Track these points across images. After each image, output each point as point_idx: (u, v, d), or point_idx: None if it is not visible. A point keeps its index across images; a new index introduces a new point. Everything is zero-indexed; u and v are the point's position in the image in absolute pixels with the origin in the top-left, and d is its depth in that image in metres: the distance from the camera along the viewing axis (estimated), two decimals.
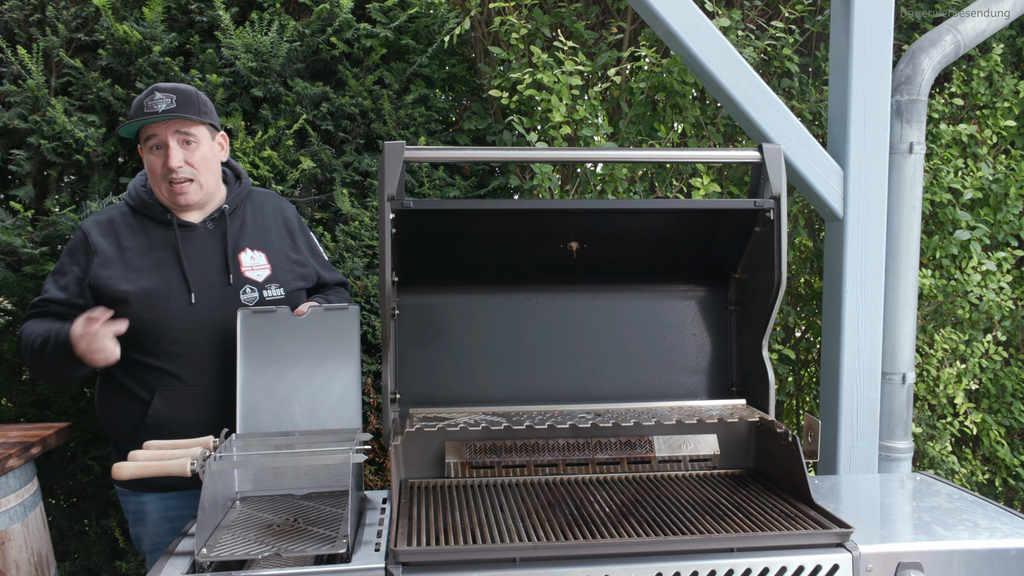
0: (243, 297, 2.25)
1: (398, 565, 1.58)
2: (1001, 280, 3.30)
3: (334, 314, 2.20)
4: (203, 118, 2.20)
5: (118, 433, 2.30)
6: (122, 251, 2.21)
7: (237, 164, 2.45)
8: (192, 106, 2.18)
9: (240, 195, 2.35)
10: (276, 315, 2.17)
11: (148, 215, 2.25)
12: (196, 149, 2.20)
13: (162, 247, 2.23)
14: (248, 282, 2.27)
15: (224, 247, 2.27)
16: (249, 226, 2.34)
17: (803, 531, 1.68)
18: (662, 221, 2.22)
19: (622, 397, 2.27)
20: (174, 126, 2.16)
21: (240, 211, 2.34)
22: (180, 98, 2.17)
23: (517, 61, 3.38)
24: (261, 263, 2.31)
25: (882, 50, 2.67)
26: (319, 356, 2.16)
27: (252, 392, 2.13)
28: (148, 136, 2.18)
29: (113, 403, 2.28)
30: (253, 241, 2.32)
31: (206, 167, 2.23)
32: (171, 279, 2.20)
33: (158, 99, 2.15)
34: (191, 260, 2.22)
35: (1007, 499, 3.77)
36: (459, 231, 2.15)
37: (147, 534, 2.34)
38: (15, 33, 3.27)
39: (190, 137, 2.19)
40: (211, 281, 2.23)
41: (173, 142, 2.16)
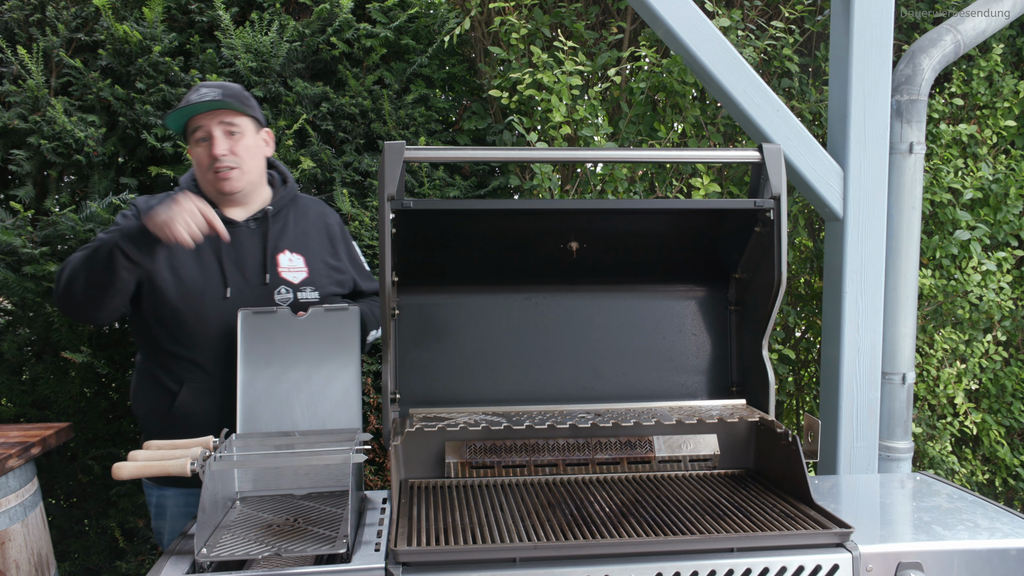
0: (277, 297, 2.28)
1: (398, 565, 1.58)
2: (1001, 280, 3.30)
3: (334, 315, 2.20)
4: (246, 109, 2.26)
5: (147, 423, 2.34)
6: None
7: (284, 168, 2.49)
8: (236, 98, 2.25)
9: (285, 198, 2.39)
10: (277, 316, 2.18)
11: None
12: (240, 139, 2.25)
13: (204, 241, 2.23)
14: (284, 283, 2.30)
15: (264, 247, 2.31)
16: (291, 229, 2.37)
17: (803, 531, 1.68)
18: (662, 221, 2.22)
19: (622, 397, 2.27)
20: (218, 116, 2.22)
21: (283, 214, 2.38)
22: (225, 91, 2.24)
23: (517, 61, 3.38)
24: (299, 265, 2.34)
25: (882, 50, 2.67)
26: (319, 357, 2.17)
27: (252, 392, 2.13)
28: (194, 128, 2.23)
29: (145, 393, 2.33)
30: (293, 244, 2.35)
31: (250, 156, 2.27)
32: (209, 273, 2.24)
33: (203, 92, 2.22)
34: (230, 256, 2.27)
35: (1007, 499, 3.77)
36: (459, 231, 2.15)
37: (167, 528, 2.36)
38: (15, 33, 3.27)
39: (234, 128, 2.23)
40: (247, 279, 2.27)
41: (218, 132, 2.21)
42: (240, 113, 2.24)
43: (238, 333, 2.15)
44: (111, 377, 3.26)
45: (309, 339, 2.18)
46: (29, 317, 3.20)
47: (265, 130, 2.36)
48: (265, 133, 2.36)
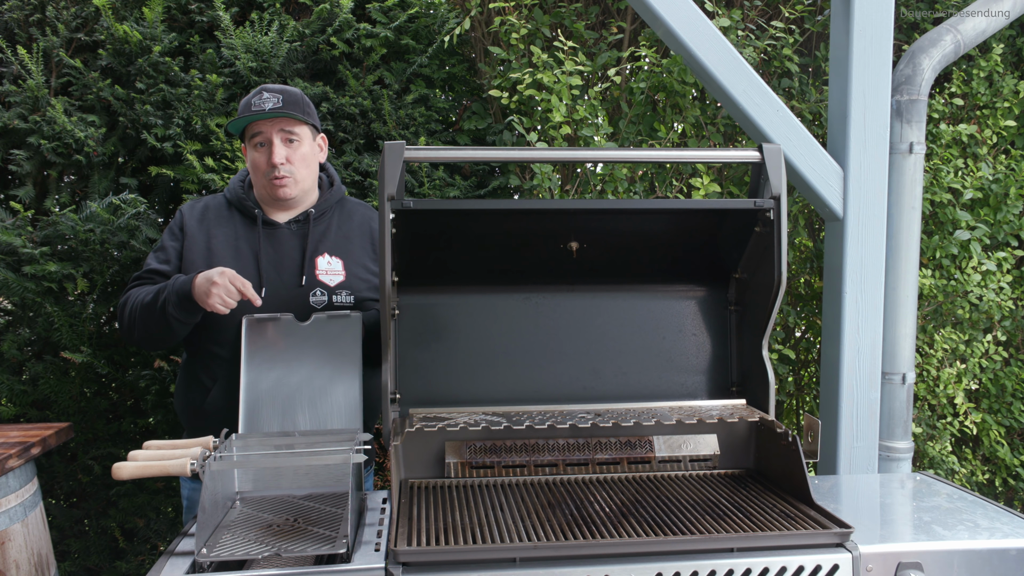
0: (312, 299, 2.31)
1: (398, 565, 1.58)
2: (1001, 280, 3.30)
3: (337, 322, 2.22)
4: (307, 118, 2.30)
5: (186, 417, 2.40)
6: (209, 238, 2.32)
7: (333, 170, 2.52)
8: (297, 106, 2.28)
9: (329, 201, 2.42)
10: (280, 323, 2.21)
11: (239, 209, 2.36)
12: (298, 147, 2.30)
13: (244, 241, 2.32)
14: (320, 285, 2.32)
15: (303, 249, 2.34)
16: (332, 233, 2.39)
17: (803, 531, 1.68)
18: (662, 221, 2.22)
19: (622, 397, 2.27)
20: (279, 124, 2.26)
21: (326, 217, 2.41)
22: (286, 98, 2.27)
23: (517, 61, 3.38)
24: (336, 269, 2.36)
25: (882, 50, 2.67)
26: (321, 363, 2.19)
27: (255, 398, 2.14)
28: (254, 133, 2.28)
29: (185, 389, 2.38)
30: (333, 247, 2.37)
31: (305, 165, 2.32)
32: (246, 272, 2.26)
33: (266, 98, 2.25)
34: (268, 257, 2.31)
35: (1007, 499, 3.77)
36: (459, 231, 2.15)
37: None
38: (15, 33, 3.27)
39: (293, 136, 2.28)
40: (284, 280, 2.31)
41: (277, 139, 2.26)
42: (300, 122, 2.28)
43: (242, 340, 2.18)
44: (111, 377, 3.26)
45: (311, 346, 2.20)
46: (29, 317, 3.20)
47: (320, 136, 2.40)
48: (320, 139, 2.41)
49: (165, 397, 3.22)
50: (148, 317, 2.21)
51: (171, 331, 2.22)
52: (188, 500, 2.43)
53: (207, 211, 2.37)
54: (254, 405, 2.14)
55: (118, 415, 3.35)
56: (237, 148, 3.15)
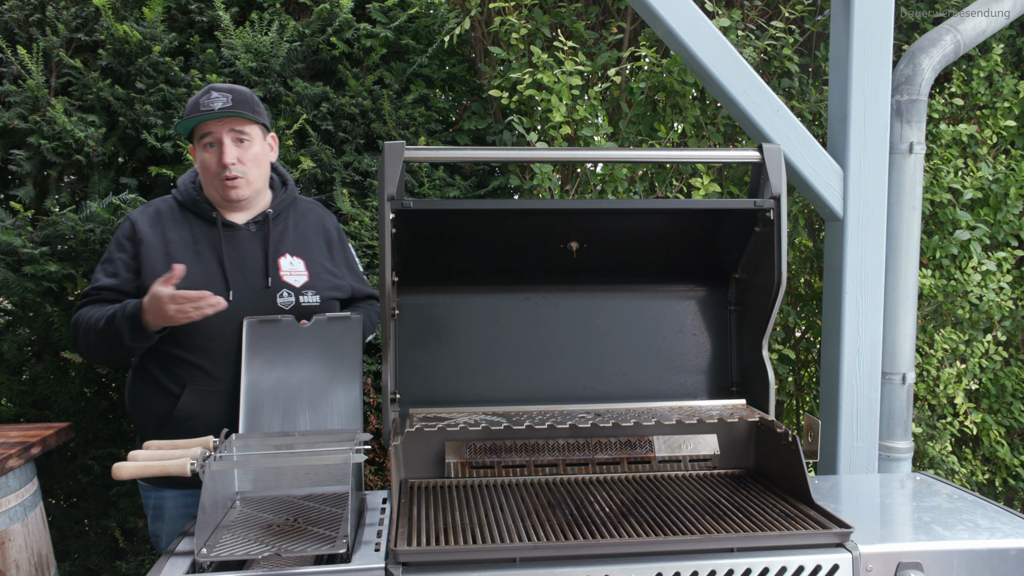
0: (279, 301, 2.29)
1: (398, 565, 1.58)
2: (1001, 280, 3.30)
3: (337, 324, 2.22)
4: (257, 117, 2.26)
5: (146, 426, 2.33)
6: (166, 243, 2.26)
7: (284, 170, 2.49)
8: (247, 105, 2.24)
9: (285, 201, 2.40)
10: (281, 324, 2.20)
11: (194, 211, 2.31)
12: (249, 147, 2.26)
13: (205, 244, 2.28)
14: (286, 286, 2.30)
15: (265, 250, 2.31)
16: (291, 232, 2.37)
17: (803, 531, 1.68)
18: (662, 221, 2.22)
19: (622, 397, 2.27)
20: (229, 124, 2.22)
21: (283, 216, 2.39)
22: (236, 97, 2.23)
23: (517, 61, 3.38)
24: (299, 269, 2.34)
25: (882, 50, 2.67)
26: (322, 366, 2.19)
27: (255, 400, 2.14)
28: (203, 134, 2.23)
29: (144, 396, 2.32)
30: (293, 247, 2.36)
31: (257, 165, 2.28)
32: (211, 276, 2.24)
33: (214, 98, 2.20)
34: (231, 259, 2.27)
35: (1007, 499, 3.77)
36: (459, 231, 2.15)
37: (165, 530, 2.36)
38: (15, 33, 3.27)
39: (244, 135, 2.24)
40: (249, 282, 2.27)
41: (227, 140, 2.22)
42: (250, 121, 2.25)
43: (243, 341, 2.17)
44: (111, 377, 3.26)
45: (312, 348, 2.19)
46: (29, 317, 3.20)
47: (271, 135, 2.37)
48: (271, 138, 2.37)
49: None
50: (103, 343, 2.16)
51: (130, 354, 2.22)
52: (154, 510, 2.37)
53: (159, 215, 2.30)
54: (255, 406, 2.14)
55: (118, 415, 3.34)
56: None
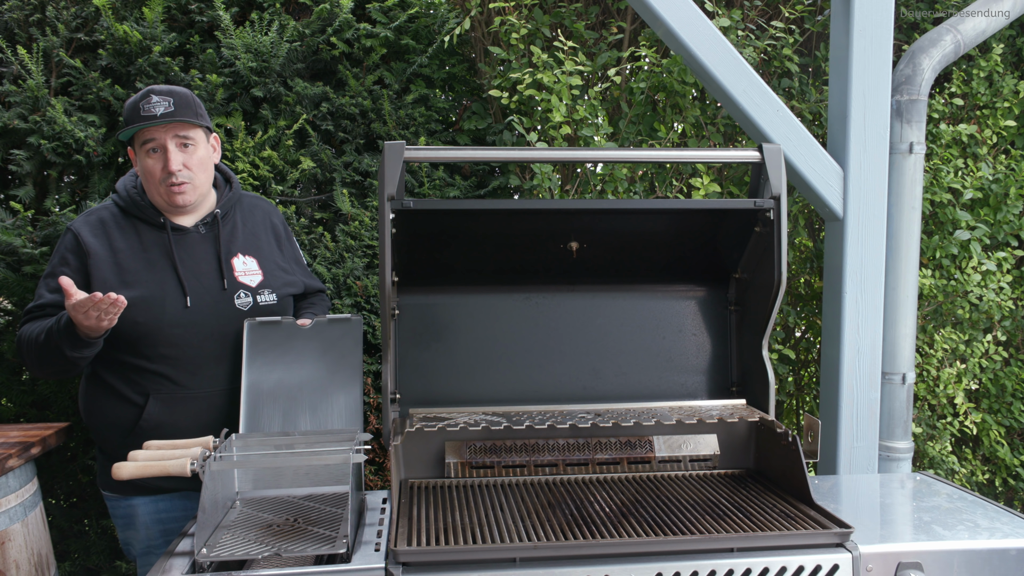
0: (237, 302, 2.25)
1: (398, 565, 1.58)
2: (1001, 280, 3.30)
3: (338, 325, 2.22)
4: (200, 121, 2.20)
5: (107, 437, 2.28)
6: (114, 252, 2.19)
7: (227, 168, 2.45)
8: (189, 109, 2.18)
9: (231, 200, 2.36)
10: (281, 326, 2.21)
11: (140, 217, 2.24)
12: (194, 152, 2.20)
13: (155, 250, 2.22)
14: (242, 287, 2.27)
15: (217, 252, 2.27)
16: (240, 231, 2.34)
17: (803, 531, 1.68)
18: (662, 221, 2.22)
19: (622, 397, 2.28)
20: (173, 130, 2.16)
21: (231, 216, 2.35)
22: (177, 101, 2.16)
23: (517, 61, 3.38)
24: (253, 268, 2.31)
25: (882, 50, 2.67)
26: (322, 367, 2.19)
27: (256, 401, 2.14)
28: (146, 140, 2.17)
29: (103, 406, 2.26)
30: (244, 246, 2.32)
31: (202, 169, 2.23)
32: (166, 283, 2.19)
33: (155, 102, 2.14)
34: (185, 264, 2.22)
35: (1007, 499, 3.77)
36: (459, 231, 2.15)
37: (138, 538, 2.32)
38: (15, 33, 3.27)
39: (188, 140, 2.18)
40: (205, 285, 2.23)
41: (172, 145, 2.16)
42: (194, 125, 2.19)
43: (244, 343, 2.17)
44: None
45: (313, 349, 2.20)
46: None
47: (213, 136, 2.31)
48: (213, 139, 2.31)
49: None
50: (46, 357, 2.11)
51: (76, 366, 2.14)
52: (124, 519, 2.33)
53: (103, 224, 2.22)
54: (255, 407, 2.14)
55: None
56: (237, 149, 3.15)
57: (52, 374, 2.25)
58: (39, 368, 2.19)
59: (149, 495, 2.27)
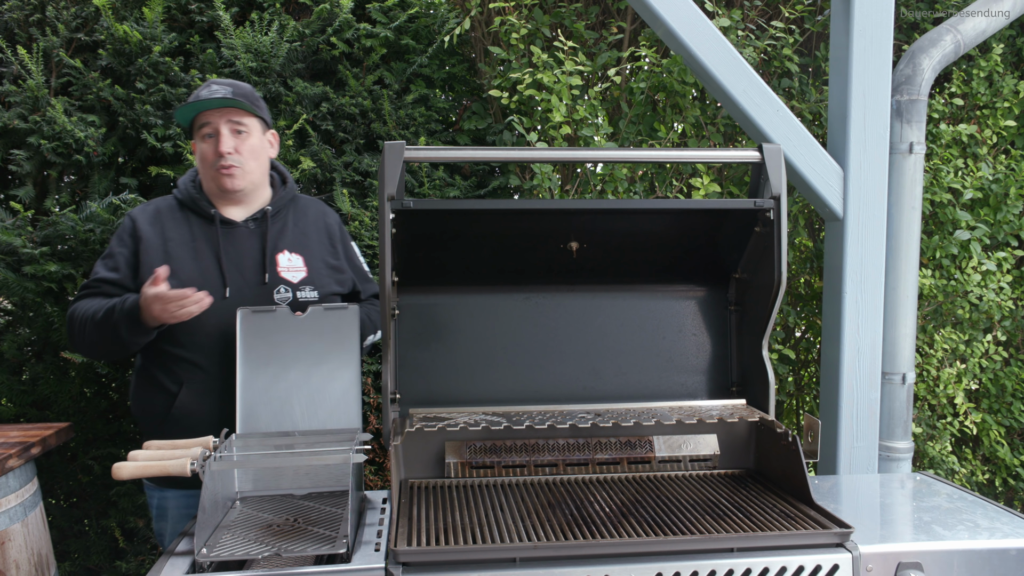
0: (276, 296, 2.29)
1: (398, 565, 1.58)
2: (1001, 280, 3.30)
3: (334, 314, 2.20)
4: (256, 110, 2.28)
5: (146, 425, 2.34)
6: (165, 240, 2.27)
7: (284, 169, 2.50)
8: (246, 97, 2.27)
9: (284, 199, 2.40)
10: (276, 315, 2.17)
11: (193, 209, 2.32)
12: (247, 139, 2.27)
13: (203, 241, 2.29)
14: (283, 282, 2.31)
15: (263, 247, 2.31)
16: (290, 230, 2.38)
17: (803, 531, 1.68)
18: (662, 221, 2.22)
19: (622, 397, 2.27)
20: (227, 115, 2.24)
21: (282, 214, 2.39)
22: (235, 90, 2.25)
23: (517, 61, 3.38)
24: (298, 265, 2.34)
25: (882, 50, 2.67)
26: (319, 356, 2.16)
27: (252, 392, 2.12)
28: (202, 124, 2.24)
29: (145, 395, 2.33)
30: (292, 244, 2.36)
31: (254, 157, 2.30)
32: (208, 272, 2.25)
33: (214, 89, 2.24)
34: (229, 256, 2.28)
35: (1007, 499, 3.77)
36: (459, 231, 2.15)
37: (168, 530, 2.36)
38: (15, 33, 3.27)
39: (241, 127, 2.26)
40: (247, 278, 2.28)
41: (225, 130, 2.23)
42: (249, 113, 2.26)
43: (237, 332, 2.14)
44: (111, 377, 3.26)
45: (308, 338, 2.17)
46: (29, 317, 3.20)
47: (271, 131, 2.38)
48: (271, 135, 2.38)
49: None
50: (101, 336, 2.17)
51: (127, 349, 2.21)
52: (157, 509, 2.37)
53: (159, 213, 2.32)
54: (251, 399, 2.11)
55: (118, 415, 3.34)
56: None
57: (98, 354, 2.32)
58: (86, 345, 2.25)
59: (181, 488, 2.29)
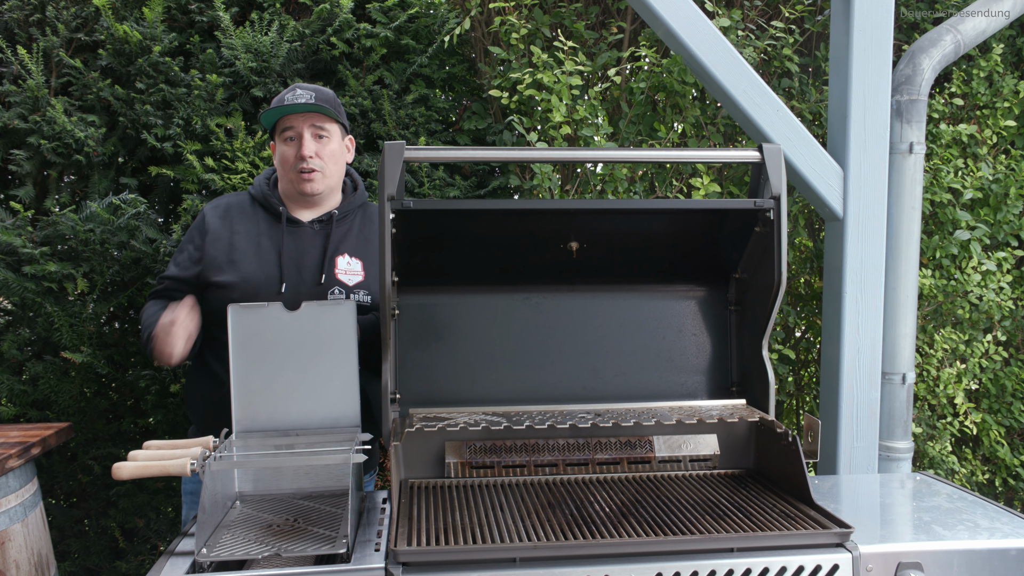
0: (330, 297, 2.32)
1: (398, 565, 1.58)
2: (1001, 280, 3.30)
3: (329, 309, 2.16)
4: (338, 116, 2.34)
5: (198, 412, 2.40)
6: (232, 234, 2.34)
7: (357, 176, 2.54)
8: (329, 103, 2.32)
9: (353, 204, 2.44)
10: (268, 310, 2.10)
11: (264, 205, 2.38)
12: (327, 143, 2.32)
13: (267, 237, 2.34)
14: (338, 284, 2.34)
15: (324, 248, 2.35)
16: (354, 234, 2.41)
17: (803, 531, 1.68)
18: (662, 221, 2.22)
19: (622, 397, 2.27)
20: (311, 119, 2.30)
21: (349, 219, 2.43)
22: (319, 96, 2.31)
23: (517, 61, 3.38)
24: (356, 269, 2.37)
25: (882, 50, 2.67)
26: (315, 353, 2.14)
27: (247, 389, 2.10)
28: (285, 128, 2.31)
29: (198, 381, 2.39)
30: (354, 248, 2.39)
31: (334, 162, 2.35)
32: (267, 268, 2.30)
33: (299, 94, 2.30)
34: (290, 253, 2.32)
35: (1007, 499, 3.77)
36: (459, 231, 2.15)
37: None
38: (15, 33, 3.27)
39: (323, 132, 2.31)
40: (303, 277, 2.32)
41: (307, 134, 2.29)
42: (331, 119, 2.31)
43: (228, 329, 2.08)
44: (111, 377, 3.26)
45: (304, 335, 2.14)
46: (29, 317, 3.20)
47: (348, 137, 2.43)
48: (348, 139, 2.43)
49: (165, 397, 3.22)
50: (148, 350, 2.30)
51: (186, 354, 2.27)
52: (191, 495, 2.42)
53: (230, 209, 2.40)
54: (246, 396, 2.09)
55: (118, 415, 3.35)
56: (237, 149, 3.15)
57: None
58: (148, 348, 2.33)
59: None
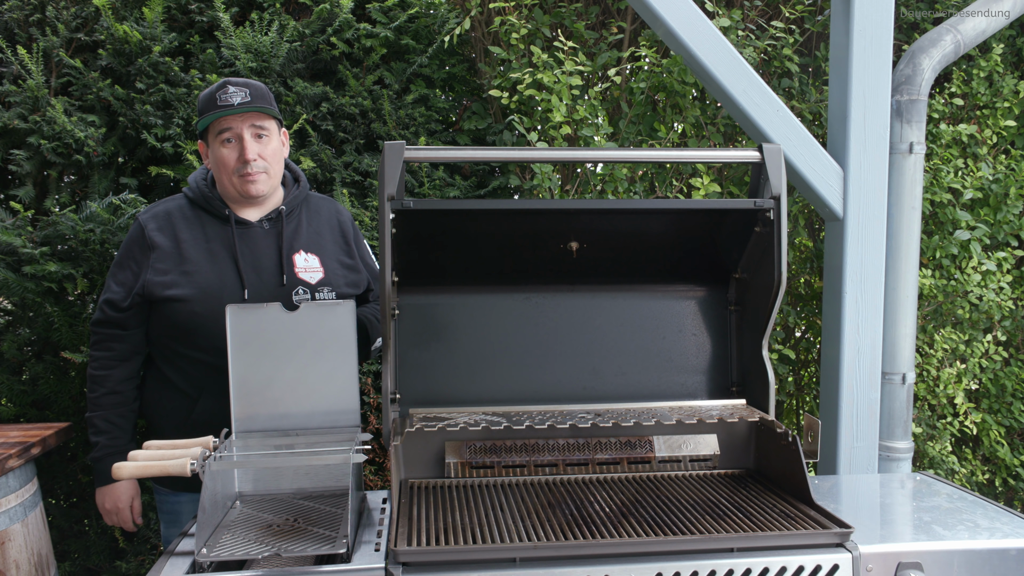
0: (295, 298, 2.27)
1: (398, 565, 1.58)
2: (1001, 280, 3.30)
3: (328, 309, 2.15)
4: (274, 112, 2.26)
5: (162, 428, 2.30)
6: (178, 243, 2.23)
7: (296, 167, 2.47)
8: (265, 99, 2.23)
9: (298, 197, 2.38)
10: (267, 311, 2.08)
11: (206, 209, 2.28)
12: (268, 142, 2.24)
13: (217, 242, 2.25)
14: (301, 283, 2.29)
15: (279, 247, 2.29)
16: (304, 229, 2.35)
17: (803, 531, 1.68)
18: (662, 221, 2.22)
19: (622, 397, 2.27)
20: (249, 119, 2.20)
21: (296, 213, 2.36)
22: (253, 92, 2.21)
23: (517, 61, 3.38)
24: (314, 266, 2.32)
25: (882, 50, 2.67)
26: (314, 353, 2.12)
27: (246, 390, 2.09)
28: (221, 130, 2.20)
29: (159, 398, 2.31)
30: (307, 244, 2.33)
31: (276, 160, 2.27)
32: (225, 275, 2.22)
33: (232, 92, 2.18)
34: (246, 258, 2.25)
35: (1007, 499, 3.77)
36: (459, 231, 2.15)
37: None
38: (15, 33, 3.27)
39: (263, 131, 2.22)
40: (264, 280, 2.25)
41: (248, 135, 2.20)
42: (269, 116, 2.24)
43: (227, 330, 2.06)
44: None
45: (303, 335, 2.13)
46: (29, 317, 3.20)
47: (283, 130, 2.36)
48: (283, 133, 2.36)
49: None
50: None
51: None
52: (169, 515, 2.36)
53: (170, 216, 2.27)
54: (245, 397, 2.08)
55: None
56: None
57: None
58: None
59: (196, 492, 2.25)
